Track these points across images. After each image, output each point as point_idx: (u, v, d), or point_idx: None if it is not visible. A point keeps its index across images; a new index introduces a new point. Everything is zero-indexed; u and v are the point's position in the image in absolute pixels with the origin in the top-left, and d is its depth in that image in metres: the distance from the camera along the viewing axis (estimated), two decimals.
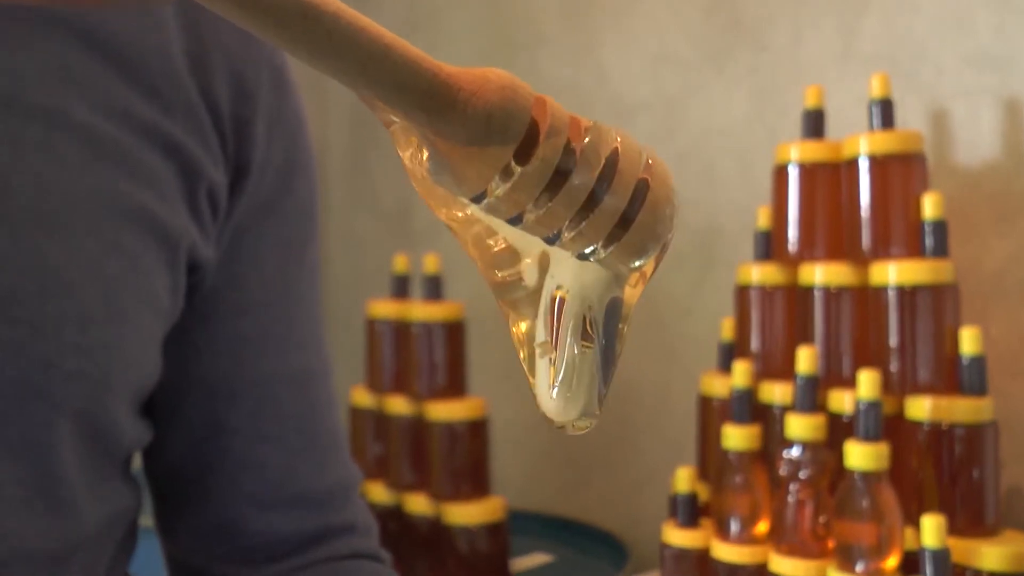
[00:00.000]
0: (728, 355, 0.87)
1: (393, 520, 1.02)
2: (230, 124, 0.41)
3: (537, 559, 1.10)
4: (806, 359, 0.75)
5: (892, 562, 0.71)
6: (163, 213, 0.38)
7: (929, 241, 0.76)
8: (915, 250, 0.77)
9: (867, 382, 0.71)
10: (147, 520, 0.47)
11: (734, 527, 0.79)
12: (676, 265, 1.10)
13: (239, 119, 0.41)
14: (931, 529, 0.67)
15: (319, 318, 0.45)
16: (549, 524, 1.18)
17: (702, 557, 0.82)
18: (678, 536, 0.83)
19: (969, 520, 0.73)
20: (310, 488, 0.44)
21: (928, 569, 0.67)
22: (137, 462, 0.44)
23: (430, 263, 1.02)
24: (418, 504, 0.99)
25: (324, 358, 0.46)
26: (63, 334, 0.35)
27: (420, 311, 1.00)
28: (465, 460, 0.98)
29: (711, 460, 0.87)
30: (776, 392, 0.81)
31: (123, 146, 0.37)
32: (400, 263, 1.06)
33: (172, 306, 0.40)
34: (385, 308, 1.05)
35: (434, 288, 1.01)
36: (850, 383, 0.77)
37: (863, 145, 0.79)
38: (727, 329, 0.89)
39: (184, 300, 0.41)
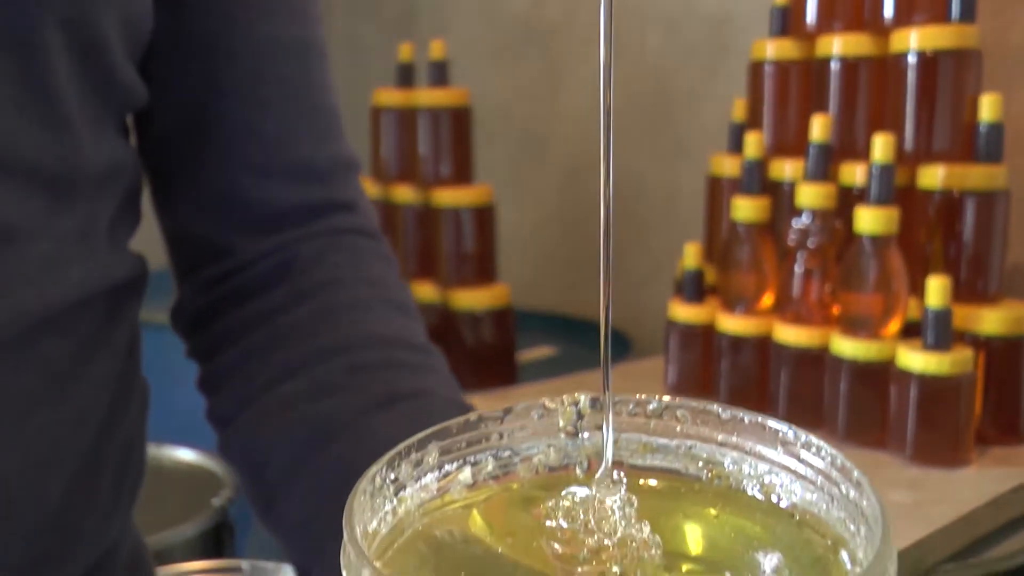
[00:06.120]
0: (739, 135, 0.86)
1: None
2: None
3: (542, 352, 1.12)
4: (820, 127, 0.74)
5: (894, 327, 0.72)
6: None
7: (955, 6, 0.73)
8: (940, 18, 0.75)
9: (881, 145, 0.70)
10: (162, 318, 0.46)
11: (740, 300, 0.80)
12: (687, 54, 1.07)
13: None
14: (935, 290, 0.67)
15: None
16: (553, 321, 1.20)
17: (707, 332, 0.83)
18: (684, 311, 0.84)
19: (973, 287, 0.73)
20: (309, 158, 0.43)
21: (929, 328, 0.68)
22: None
23: (436, 49, 0.99)
24: (425, 292, 1.00)
25: (322, 39, 0.45)
26: None
27: (426, 97, 0.99)
28: (472, 246, 0.98)
29: (718, 241, 0.87)
30: (787, 168, 0.80)
31: None
32: (405, 51, 1.03)
33: None
34: (390, 96, 1.03)
35: (440, 74, 0.99)
36: (863, 156, 0.76)
37: None
38: (739, 109, 0.87)
39: None
